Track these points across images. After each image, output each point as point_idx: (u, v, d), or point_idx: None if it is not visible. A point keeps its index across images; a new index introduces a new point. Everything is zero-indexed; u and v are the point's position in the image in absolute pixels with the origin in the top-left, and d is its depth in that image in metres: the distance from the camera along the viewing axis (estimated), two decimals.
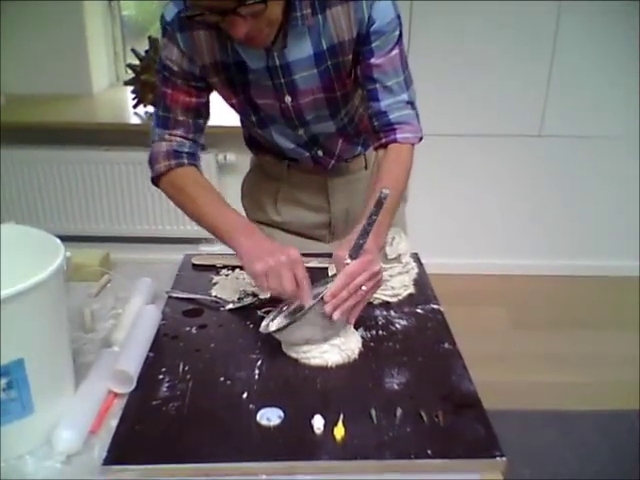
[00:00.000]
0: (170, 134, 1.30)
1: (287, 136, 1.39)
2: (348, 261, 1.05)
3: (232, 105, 1.36)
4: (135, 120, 2.86)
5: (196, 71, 1.26)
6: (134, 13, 3.37)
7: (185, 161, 1.29)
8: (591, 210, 3.24)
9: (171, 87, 1.28)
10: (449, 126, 3.03)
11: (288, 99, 1.29)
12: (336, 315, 1.03)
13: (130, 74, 2.87)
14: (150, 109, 2.88)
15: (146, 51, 2.81)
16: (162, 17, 1.24)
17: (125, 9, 3.26)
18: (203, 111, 1.33)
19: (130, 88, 2.88)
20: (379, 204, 1.01)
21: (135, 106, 2.88)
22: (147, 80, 2.78)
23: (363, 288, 1.05)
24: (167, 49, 1.25)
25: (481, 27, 2.89)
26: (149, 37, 2.82)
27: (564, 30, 2.89)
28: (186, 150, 1.30)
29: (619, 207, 3.22)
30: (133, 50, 2.84)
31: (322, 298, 1.03)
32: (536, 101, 3.03)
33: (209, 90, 1.32)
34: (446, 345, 1.13)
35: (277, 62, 1.23)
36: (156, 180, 1.32)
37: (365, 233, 1.04)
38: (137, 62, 2.82)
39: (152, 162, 1.31)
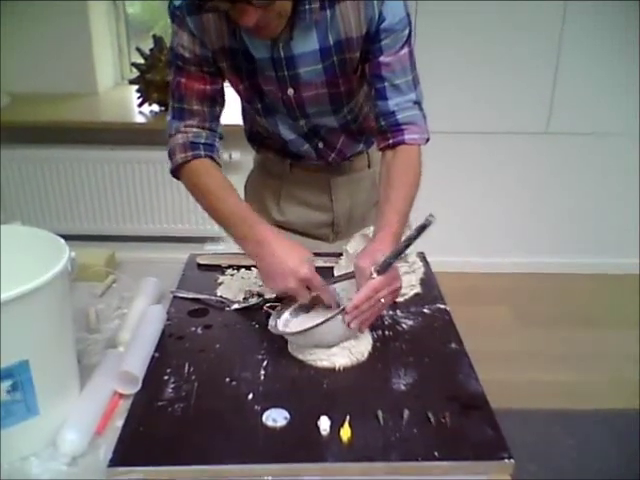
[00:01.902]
0: (186, 125, 1.29)
1: (289, 126, 1.38)
2: (375, 276, 1.05)
3: (239, 92, 1.36)
4: (140, 119, 2.85)
5: (209, 54, 1.25)
6: (139, 12, 3.37)
7: (202, 152, 1.28)
8: (600, 207, 3.23)
9: (185, 76, 1.27)
10: (455, 123, 3.01)
11: (290, 91, 1.28)
12: (353, 325, 1.04)
13: (135, 73, 2.86)
14: (155, 108, 2.88)
15: (151, 50, 2.80)
16: (170, 3, 1.23)
17: (130, 7, 3.26)
18: (218, 98, 1.31)
19: (135, 87, 2.88)
20: (422, 229, 1.00)
21: (140, 105, 2.88)
22: (152, 79, 2.77)
23: (382, 300, 1.06)
24: (178, 36, 1.24)
25: (487, 25, 2.87)
26: (154, 36, 2.82)
27: (570, 27, 2.88)
28: (202, 141, 1.29)
29: (628, 204, 3.20)
30: (138, 49, 2.84)
31: (344, 309, 1.04)
32: (543, 98, 3.02)
33: (223, 76, 1.31)
34: (453, 345, 1.12)
35: (282, 54, 1.22)
36: (176, 172, 1.31)
37: (399, 254, 1.05)
38: (142, 61, 2.81)
39: (170, 155, 1.31)
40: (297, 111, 1.33)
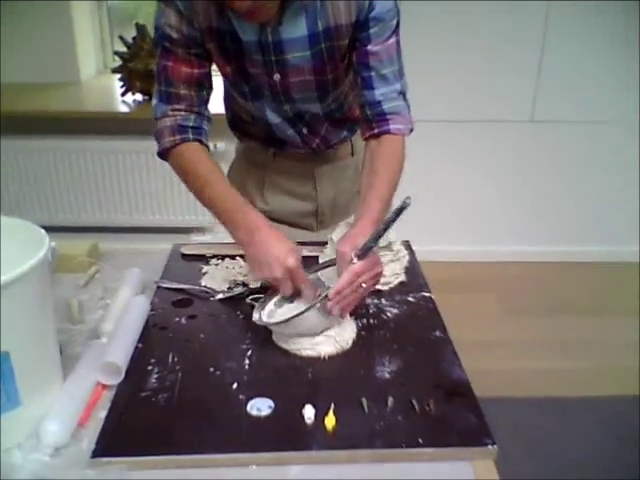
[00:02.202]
0: (173, 109, 1.27)
1: (273, 109, 1.37)
2: (355, 260, 1.05)
3: (226, 75, 1.34)
4: (123, 108, 2.83)
5: (197, 34, 1.22)
6: (121, 0, 3.33)
7: (190, 136, 1.27)
8: (583, 195, 3.24)
9: (172, 59, 1.24)
10: (440, 112, 3.01)
11: (277, 77, 1.27)
12: (335, 311, 1.04)
13: (118, 62, 2.84)
14: (138, 97, 2.85)
15: (134, 38, 2.78)
16: None
17: None
18: (205, 82, 1.30)
19: (118, 76, 2.85)
20: (399, 211, 1.00)
21: (123, 94, 2.85)
22: (135, 67, 2.74)
23: (363, 285, 1.06)
24: (165, 15, 1.21)
25: (472, 12, 2.87)
26: (136, 24, 2.79)
27: (555, 14, 2.88)
28: (191, 124, 1.27)
29: (611, 192, 3.22)
30: (121, 37, 2.81)
31: (326, 295, 1.03)
32: (528, 86, 3.02)
33: (211, 58, 1.29)
34: (437, 333, 1.12)
35: (270, 38, 1.21)
36: (163, 155, 1.30)
37: (378, 237, 1.05)
38: (125, 49, 2.79)
39: (158, 137, 1.29)
40: (282, 96, 1.32)
